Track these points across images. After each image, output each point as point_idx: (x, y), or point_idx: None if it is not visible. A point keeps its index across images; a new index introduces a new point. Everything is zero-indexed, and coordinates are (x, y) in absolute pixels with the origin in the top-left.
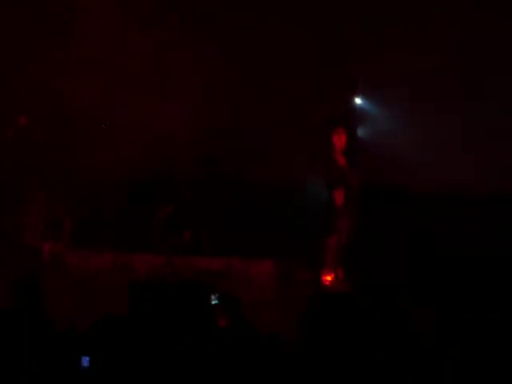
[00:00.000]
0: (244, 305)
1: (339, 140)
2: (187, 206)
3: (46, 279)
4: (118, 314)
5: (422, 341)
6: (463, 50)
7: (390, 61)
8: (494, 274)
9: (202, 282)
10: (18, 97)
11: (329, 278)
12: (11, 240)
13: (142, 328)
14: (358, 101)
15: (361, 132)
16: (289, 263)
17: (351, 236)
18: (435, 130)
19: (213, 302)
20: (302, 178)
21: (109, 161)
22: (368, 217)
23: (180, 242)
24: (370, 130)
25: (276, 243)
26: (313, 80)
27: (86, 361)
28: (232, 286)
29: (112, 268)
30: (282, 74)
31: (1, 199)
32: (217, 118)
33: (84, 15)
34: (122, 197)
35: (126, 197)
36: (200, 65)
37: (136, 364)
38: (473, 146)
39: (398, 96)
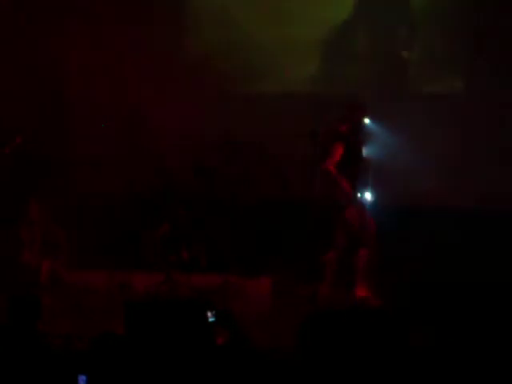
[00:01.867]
0: (241, 322)
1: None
2: (184, 223)
3: (44, 297)
4: (116, 332)
5: (422, 361)
6: None
7: None
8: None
9: (198, 299)
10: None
11: (362, 294)
12: (8, 258)
13: (139, 346)
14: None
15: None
16: (286, 280)
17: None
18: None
19: (210, 320)
20: (300, 193)
21: (107, 178)
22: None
23: (177, 259)
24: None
25: (273, 260)
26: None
27: (82, 380)
28: (229, 303)
29: (110, 286)
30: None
31: None
32: (214, 132)
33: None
34: (120, 214)
35: (124, 214)
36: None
37: (133, 382)
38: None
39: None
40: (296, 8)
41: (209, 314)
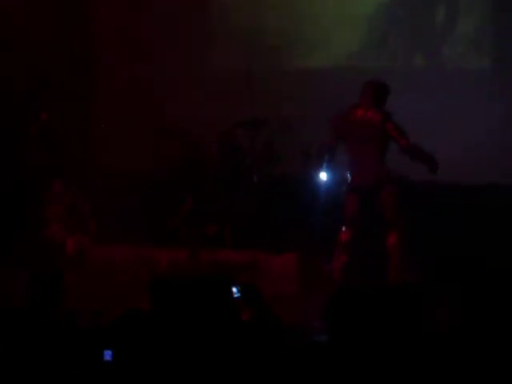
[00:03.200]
0: (267, 298)
1: None
2: (209, 198)
3: (69, 273)
4: (141, 308)
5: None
6: None
7: None
8: None
9: (223, 275)
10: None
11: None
12: (35, 234)
13: (164, 322)
14: None
15: None
16: (312, 256)
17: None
18: None
19: (235, 295)
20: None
21: (132, 153)
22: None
23: (203, 234)
24: None
25: (299, 236)
26: None
27: (108, 354)
28: (255, 279)
29: (135, 261)
30: None
31: (24, 194)
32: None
33: None
34: (146, 189)
35: (149, 189)
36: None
37: (159, 358)
38: None
39: None
40: None
41: (234, 289)
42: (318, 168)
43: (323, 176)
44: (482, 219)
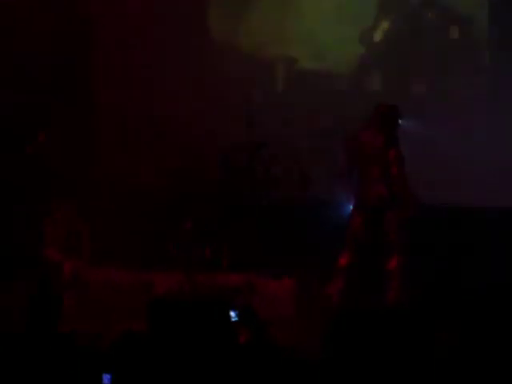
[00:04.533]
0: (264, 321)
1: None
2: (208, 221)
3: (66, 295)
4: (138, 330)
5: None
6: None
7: None
8: None
9: (221, 298)
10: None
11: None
12: (32, 256)
13: (161, 345)
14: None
15: None
16: (309, 279)
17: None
18: None
19: (232, 319)
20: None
21: (130, 175)
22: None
23: (200, 257)
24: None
25: (297, 260)
26: None
27: (107, 378)
28: (252, 302)
29: (133, 284)
30: None
31: (21, 214)
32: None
33: None
34: (143, 212)
35: (147, 212)
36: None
37: (157, 381)
38: None
39: None
40: None
41: (232, 313)
42: (345, 192)
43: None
44: (478, 240)
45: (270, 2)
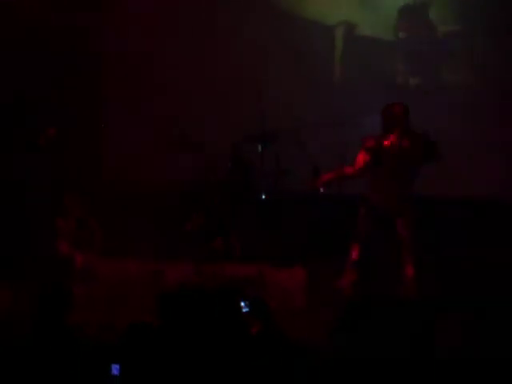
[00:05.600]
0: (275, 312)
1: None
2: (219, 212)
3: (78, 287)
4: (149, 322)
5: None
6: None
7: None
8: None
9: (231, 288)
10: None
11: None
12: (45, 247)
13: (172, 336)
14: None
15: None
16: (320, 270)
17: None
18: None
19: (243, 310)
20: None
21: (141, 168)
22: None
23: (211, 248)
24: None
25: (308, 250)
26: None
27: (115, 369)
28: (263, 294)
29: (143, 275)
30: None
31: (32, 209)
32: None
33: None
34: (155, 203)
35: (158, 203)
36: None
37: (167, 372)
38: None
39: None
40: None
41: (242, 303)
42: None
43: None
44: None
45: None
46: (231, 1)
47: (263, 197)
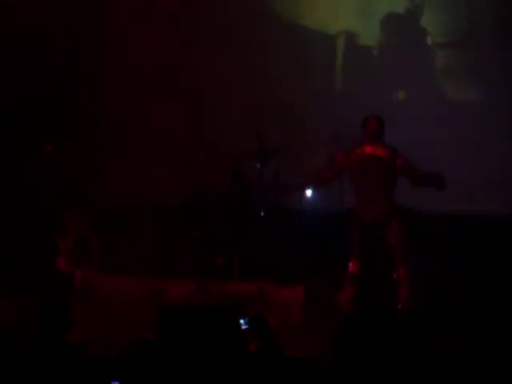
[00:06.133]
0: (275, 329)
1: None
2: (219, 229)
3: (77, 305)
4: (148, 338)
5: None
6: None
7: None
8: None
9: (231, 306)
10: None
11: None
12: (44, 266)
13: (171, 353)
14: None
15: None
16: (319, 286)
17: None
18: None
19: (243, 327)
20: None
21: (140, 184)
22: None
23: (211, 265)
24: None
25: (306, 266)
26: None
27: None
28: (262, 311)
29: (143, 293)
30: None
31: (33, 225)
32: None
33: None
34: (154, 221)
35: (158, 220)
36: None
37: None
38: None
39: None
40: None
41: (242, 321)
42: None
43: (309, 193)
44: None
45: None
46: (231, 11)
47: (262, 214)
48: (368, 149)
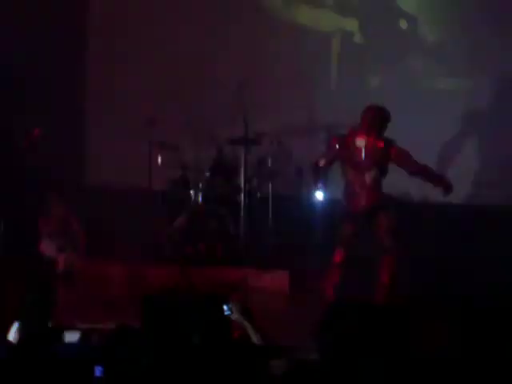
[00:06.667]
0: (258, 315)
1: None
2: (201, 215)
3: (60, 288)
4: (132, 324)
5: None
6: None
7: None
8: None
9: (214, 292)
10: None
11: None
12: (26, 250)
13: (155, 339)
14: None
15: None
16: (304, 273)
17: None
18: None
19: (226, 313)
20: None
21: (124, 170)
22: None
23: (194, 251)
24: None
25: (290, 253)
26: None
27: (99, 370)
28: (247, 297)
29: (126, 278)
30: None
31: (16, 210)
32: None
33: None
34: (138, 206)
35: (141, 206)
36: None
37: (150, 375)
38: None
39: None
40: None
41: (225, 307)
42: (314, 188)
43: (320, 196)
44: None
45: None
46: (226, 10)
47: (258, 195)
48: (360, 137)
